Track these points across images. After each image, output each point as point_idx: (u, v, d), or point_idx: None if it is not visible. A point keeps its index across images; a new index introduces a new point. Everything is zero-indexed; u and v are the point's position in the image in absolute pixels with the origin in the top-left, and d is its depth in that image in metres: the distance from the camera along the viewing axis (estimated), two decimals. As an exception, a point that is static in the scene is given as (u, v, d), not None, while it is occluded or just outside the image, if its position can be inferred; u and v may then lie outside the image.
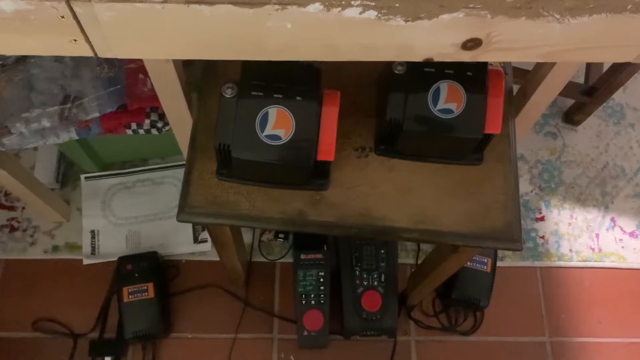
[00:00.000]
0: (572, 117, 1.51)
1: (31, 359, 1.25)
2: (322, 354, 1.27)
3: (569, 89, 1.39)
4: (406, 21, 0.51)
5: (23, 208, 1.39)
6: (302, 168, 0.73)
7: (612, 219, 1.44)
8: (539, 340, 1.31)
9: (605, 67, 1.36)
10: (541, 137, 1.53)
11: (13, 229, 1.36)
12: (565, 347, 1.31)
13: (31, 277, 1.32)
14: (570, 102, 1.52)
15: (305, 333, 1.20)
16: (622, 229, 1.43)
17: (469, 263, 1.26)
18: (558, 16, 0.52)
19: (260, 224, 0.78)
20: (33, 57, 0.95)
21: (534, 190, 1.46)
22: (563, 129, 1.54)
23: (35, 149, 1.41)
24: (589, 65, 1.42)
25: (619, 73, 1.28)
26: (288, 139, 0.70)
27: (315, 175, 0.77)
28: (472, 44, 0.55)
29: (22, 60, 0.95)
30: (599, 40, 0.55)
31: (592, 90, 1.38)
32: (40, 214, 1.35)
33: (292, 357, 1.27)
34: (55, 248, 1.35)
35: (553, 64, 0.80)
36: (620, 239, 1.42)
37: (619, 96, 1.58)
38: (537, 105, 0.90)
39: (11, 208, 1.39)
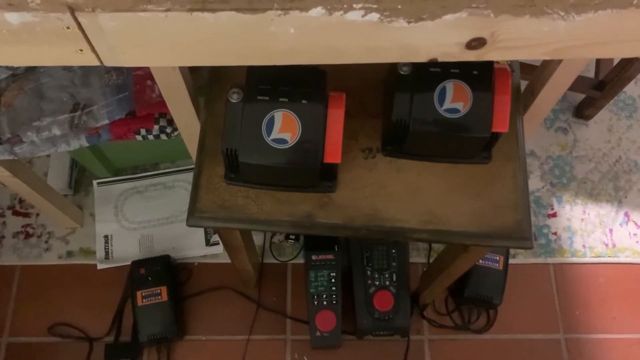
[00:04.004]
0: (583, 111, 1.50)
1: (48, 364, 1.27)
2: (335, 354, 1.27)
3: (579, 84, 1.38)
4: (409, 22, 0.51)
5: (37, 214, 1.41)
6: (309, 171, 0.73)
7: (626, 214, 1.43)
8: (553, 338, 1.31)
9: (616, 61, 1.34)
10: (552, 133, 1.51)
11: (28, 235, 1.38)
12: (580, 343, 1.30)
13: (46, 283, 1.34)
14: (580, 96, 1.50)
15: (318, 334, 1.21)
16: (636, 224, 1.42)
17: (480, 261, 1.25)
18: (562, 13, 0.51)
19: (269, 227, 0.78)
20: (43, 66, 0.96)
21: (545, 186, 1.45)
22: (574, 124, 1.53)
23: (48, 156, 1.43)
24: (598, 60, 1.41)
25: (629, 66, 1.26)
26: (294, 142, 0.70)
27: (323, 177, 0.77)
28: (476, 43, 0.55)
29: (32, 69, 0.96)
30: (605, 36, 0.55)
31: (603, 84, 1.36)
32: (54, 220, 1.36)
33: (305, 358, 1.27)
34: (70, 253, 1.36)
35: (560, 60, 0.80)
36: (635, 234, 1.40)
37: (630, 89, 1.56)
38: (546, 101, 0.89)
39: (26, 215, 1.41)
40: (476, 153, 0.79)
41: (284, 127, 0.70)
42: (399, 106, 0.73)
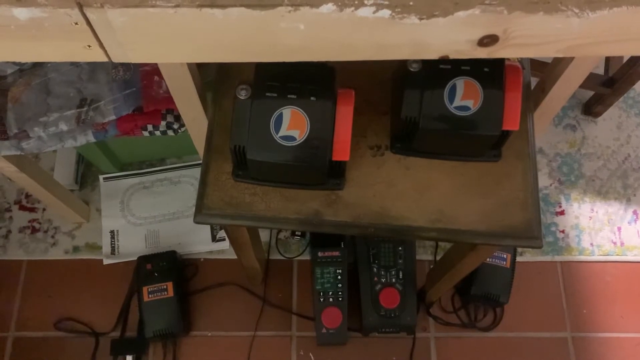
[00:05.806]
0: (592, 108, 1.49)
1: (54, 358, 1.27)
2: (341, 351, 1.27)
3: (589, 81, 1.37)
4: (420, 19, 0.51)
5: (44, 209, 1.41)
6: (317, 168, 0.73)
7: (635, 212, 1.42)
8: (560, 336, 1.30)
9: (626, 58, 1.33)
10: (560, 130, 1.50)
11: (34, 230, 1.39)
12: (587, 342, 1.29)
13: (53, 278, 1.34)
14: (589, 93, 1.49)
15: (324, 330, 1.21)
16: (644, 222, 1.41)
17: (488, 259, 1.24)
18: (577, 10, 0.50)
19: (277, 225, 0.78)
20: (50, 61, 0.96)
21: (553, 183, 1.44)
22: (583, 121, 1.51)
23: (54, 151, 1.42)
24: (608, 56, 1.39)
25: (639, 64, 1.25)
26: (303, 139, 0.70)
27: (331, 174, 0.76)
28: (488, 40, 0.54)
29: (39, 64, 0.96)
30: (619, 34, 0.54)
31: (612, 81, 1.35)
32: (60, 215, 1.37)
33: (310, 355, 1.27)
34: (76, 248, 1.37)
35: (572, 57, 0.79)
36: (643, 232, 1.39)
37: (640, 86, 1.54)
38: (556, 99, 0.88)
39: (32, 210, 1.41)
40: (486, 151, 0.79)
41: (292, 124, 0.69)
42: (408, 103, 0.72)
